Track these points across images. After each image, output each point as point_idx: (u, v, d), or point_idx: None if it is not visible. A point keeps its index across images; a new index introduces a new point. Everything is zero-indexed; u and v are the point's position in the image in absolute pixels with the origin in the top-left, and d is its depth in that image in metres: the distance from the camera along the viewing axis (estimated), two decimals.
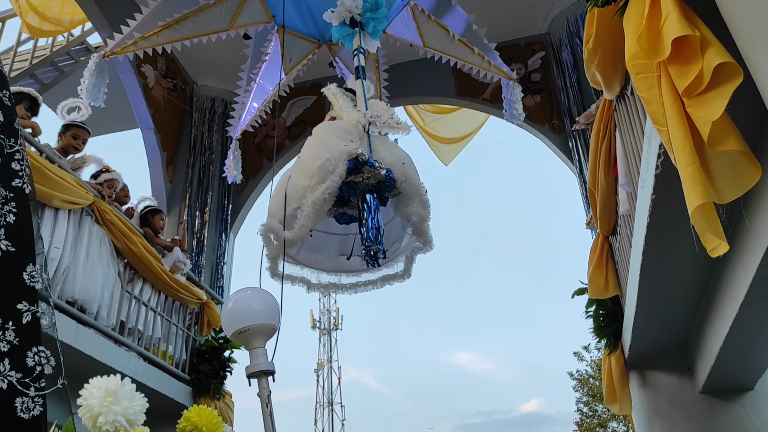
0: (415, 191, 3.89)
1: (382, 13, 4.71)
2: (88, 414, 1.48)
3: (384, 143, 4.05)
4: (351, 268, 4.15)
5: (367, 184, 3.69)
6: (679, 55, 2.24)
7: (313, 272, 4.14)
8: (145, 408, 1.52)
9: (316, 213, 3.61)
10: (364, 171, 3.68)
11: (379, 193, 3.79)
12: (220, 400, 6.65)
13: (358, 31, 4.68)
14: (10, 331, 1.69)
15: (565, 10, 8.16)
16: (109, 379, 1.55)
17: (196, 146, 8.66)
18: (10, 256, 1.77)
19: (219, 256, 8.26)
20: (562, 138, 8.07)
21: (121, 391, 1.49)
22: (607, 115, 4.35)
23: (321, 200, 3.59)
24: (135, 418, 1.49)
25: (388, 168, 3.76)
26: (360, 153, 3.69)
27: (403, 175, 3.83)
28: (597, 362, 20.42)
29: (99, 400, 1.47)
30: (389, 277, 4.19)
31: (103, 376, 1.73)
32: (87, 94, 5.53)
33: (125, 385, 1.53)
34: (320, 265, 4.15)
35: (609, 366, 5.69)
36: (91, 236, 5.29)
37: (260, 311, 2.14)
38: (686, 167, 2.22)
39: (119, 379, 1.56)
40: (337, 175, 3.62)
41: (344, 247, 4.18)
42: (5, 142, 1.83)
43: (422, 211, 3.92)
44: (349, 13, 4.63)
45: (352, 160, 3.68)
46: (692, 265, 4.07)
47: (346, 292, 4.16)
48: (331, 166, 3.65)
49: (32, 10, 7.95)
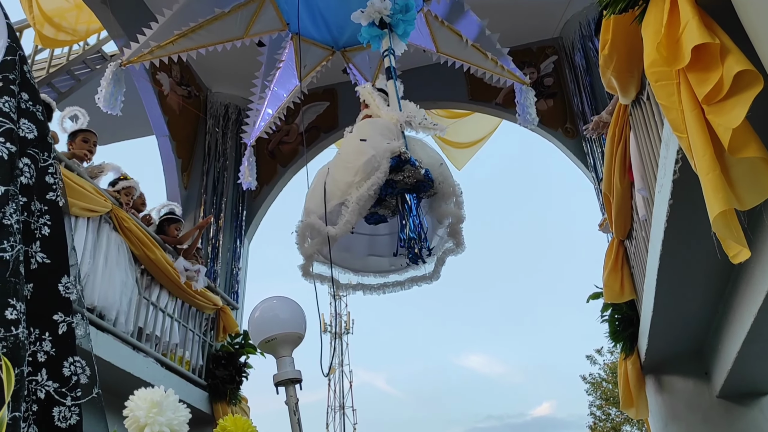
0: (452, 192, 3.93)
1: (412, 15, 4.72)
2: (135, 425, 1.51)
3: (419, 144, 4.10)
4: (379, 269, 4.16)
5: (406, 183, 3.71)
6: (699, 63, 2.25)
7: (342, 272, 4.15)
8: (188, 418, 1.55)
9: (359, 210, 3.60)
10: (405, 170, 3.69)
11: (416, 192, 3.82)
12: (236, 405, 6.69)
13: (387, 32, 4.68)
14: (46, 342, 1.73)
15: (577, 14, 8.16)
16: (153, 391, 1.59)
17: (210, 153, 8.72)
18: (46, 268, 1.81)
19: (234, 262, 8.31)
20: (576, 142, 8.07)
21: (165, 402, 1.52)
22: (622, 120, 4.35)
23: (366, 196, 3.58)
24: (179, 428, 1.52)
25: (427, 168, 3.80)
26: (404, 151, 3.71)
27: (441, 175, 3.89)
28: (610, 365, 20.34)
29: (145, 411, 1.50)
30: (417, 278, 4.19)
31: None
32: (104, 103, 5.60)
33: (169, 396, 1.56)
34: (349, 264, 4.16)
35: (625, 370, 5.67)
36: (110, 243, 5.35)
37: (287, 320, 2.17)
38: (707, 174, 2.23)
39: (163, 391, 1.59)
40: (382, 172, 3.62)
41: (372, 247, 4.19)
42: (39, 156, 1.87)
43: (458, 212, 3.94)
44: (379, 14, 4.62)
45: (395, 158, 3.69)
46: (710, 270, 4.06)
47: (374, 292, 4.17)
48: (376, 163, 3.66)
49: (47, 20, 8.04)
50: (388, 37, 4.61)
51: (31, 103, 1.90)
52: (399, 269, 4.06)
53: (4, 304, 1.56)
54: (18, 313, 1.58)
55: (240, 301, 8.23)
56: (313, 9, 6.04)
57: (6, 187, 1.66)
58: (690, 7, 2.26)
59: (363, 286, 4.23)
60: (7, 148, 1.72)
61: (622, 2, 2.58)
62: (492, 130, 9.90)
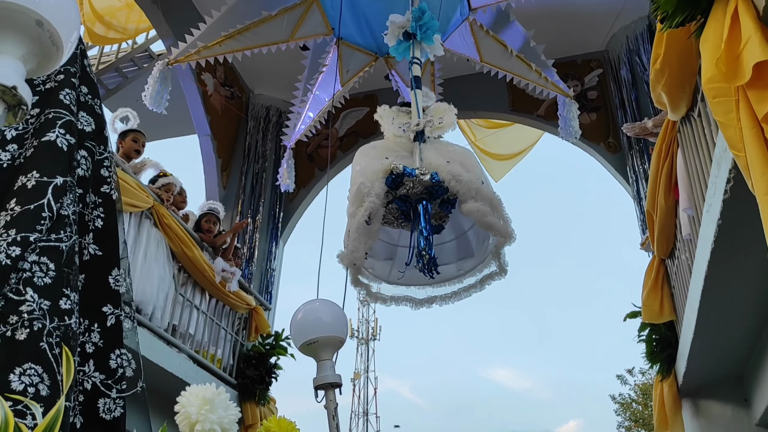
0: (468, 187, 3.65)
1: (428, 16, 4.72)
2: (186, 421, 1.51)
3: (435, 147, 3.97)
4: (447, 277, 4.08)
5: (415, 193, 3.65)
6: (760, 80, 2.19)
7: (386, 284, 4.12)
8: (237, 417, 1.55)
9: (362, 236, 3.58)
10: (405, 182, 3.65)
11: (434, 199, 3.75)
12: (264, 405, 6.72)
13: (412, 42, 4.72)
14: (95, 333, 1.75)
15: (624, 28, 8.04)
16: (206, 388, 1.59)
17: (250, 154, 8.81)
18: (98, 260, 1.84)
19: (268, 263, 8.36)
20: (618, 157, 7.95)
21: (217, 399, 1.53)
22: (670, 136, 4.27)
23: (363, 223, 3.56)
24: (229, 427, 1.52)
25: (434, 171, 3.67)
26: (394, 166, 3.67)
27: (449, 174, 3.66)
28: (641, 386, 19.95)
29: (197, 408, 1.50)
30: (488, 276, 4.04)
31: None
32: (150, 101, 5.70)
33: (221, 394, 1.57)
34: (394, 278, 4.09)
35: (661, 392, 5.54)
36: (149, 239, 5.43)
37: (330, 323, 2.16)
38: (765, 195, 2.16)
39: (215, 388, 1.60)
40: (374, 195, 3.58)
41: (440, 257, 4.12)
42: (96, 149, 1.91)
43: (480, 206, 3.62)
44: (402, 29, 4.68)
45: (389, 177, 3.67)
46: (755, 294, 3.95)
47: (423, 306, 4.12)
48: (365, 189, 3.63)
49: (98, 19, 8.23)
50: (412, 46, 4.62)
51: (90, 96, 1.94)
52: (467, 272, 3.95)
53: (59, 293, 1.59)
54: (72, 303, 1.60)
55: (273, 303, 8.28)
56: (359, 15, 6.07)
57: (65, 178, 1.69)
58: (753, 22, 2.21)
59: (408, 299, 4.17)
60: (67, 139, 1.75)
61: (680, 16, 2.52)
62: (533, 142, 9.81)
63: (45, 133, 1.74)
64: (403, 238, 3.99)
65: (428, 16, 4.67)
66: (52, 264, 1.62)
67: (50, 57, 1.19)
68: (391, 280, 4.06)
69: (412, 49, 4.67)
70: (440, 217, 3.78)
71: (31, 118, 1.78)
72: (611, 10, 7.84)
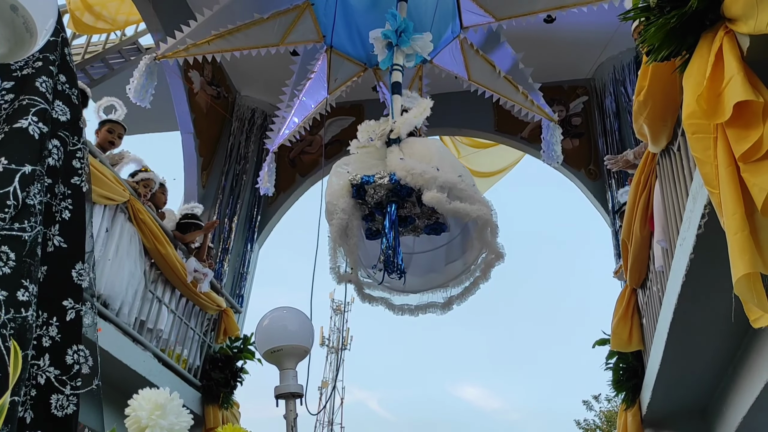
0: (424, 178, 3.50)
1: (400, 19, 4.79)
2: (136, 425, 1.48)
3: (402, 146, 3.96)
4: (455, 274, 4.04)
5: (381, 199, 3.66)
6: (739, 119, 2.21)
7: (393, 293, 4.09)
8: (190, 425, 1.52)
9: (341, 251, 3.66)
10: (368, 190, 3.66)
11: (403, 198, 3.73)
12: (228, 409, 6.63)
13: (393, 50, 4.80)
14: (53, 327, 1.71)
15: (612, 58, 8.15)
16: (158, 392, 1.56)
17: (232, 154, 8.75)
18: (62, 252, 1.80)
19: (242, 266, 8.29)
20: (597, 184, 8.03)
21: (169, 405, 1.49)
22: (648, 168, 4.31)
23: (337, 239, 3.63)
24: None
25: (392, 172, 3.65)
26: (351, 177, 3.68)
27: (403, 170, 3.57)
28: (606, 413, 20.03)
29: (147, 413, 1.47)
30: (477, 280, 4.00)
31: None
32: (135, 95, 5.64)
33: (174, 400, 1.53)
34: (407, 285, 4.03)
35: (625, 421, 5.57)
36: (123, 233, 5.35)
37: (295, 332, 2.14)
38: (735, 234, 2.18)
39: (168, 393, 1.56)
40: (340, 211, 3.61)
41: (433, 263, 4.11)
42: (69, 140, 1.87)
43: (436, 194, 3.43)
44: (383, 40, 4.77)
45: (354, 188, 3.67)
46: (723, 329, 3.98)
47: (438, 310, 4.08)
48: (332, 207, 3.67)
49: (87, 9, 8.14)
50: (392, 53, 4.73)
51: (67, 86, 1.91)
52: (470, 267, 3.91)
53: (17, 284, 1.55)
54: (29, 295, 1.56)
55: (244, 305, 8.21)
56: (351, 25, 6.08)
57: (34, 166, 1.65)
58: (736, 62, 2.23)
59: (420, 307, 4.13)
60: (39, 128, 1.72)
61: (665, 50, 2.55)
62: (513, 163, 9.87)
63: (17, 120, 1.71)
64: (418, 245, 3.98)
65: (401, 19, 4.75)
66: (13, 254, 1.58)
67: (23, 43, 1.17)
68: (407, 289, 4.03)
69: (393, 56, 4.76)
70: (429, 216, 3.77)
71: (5, 104, 1.75)
72: (600, 39, 7.95)
